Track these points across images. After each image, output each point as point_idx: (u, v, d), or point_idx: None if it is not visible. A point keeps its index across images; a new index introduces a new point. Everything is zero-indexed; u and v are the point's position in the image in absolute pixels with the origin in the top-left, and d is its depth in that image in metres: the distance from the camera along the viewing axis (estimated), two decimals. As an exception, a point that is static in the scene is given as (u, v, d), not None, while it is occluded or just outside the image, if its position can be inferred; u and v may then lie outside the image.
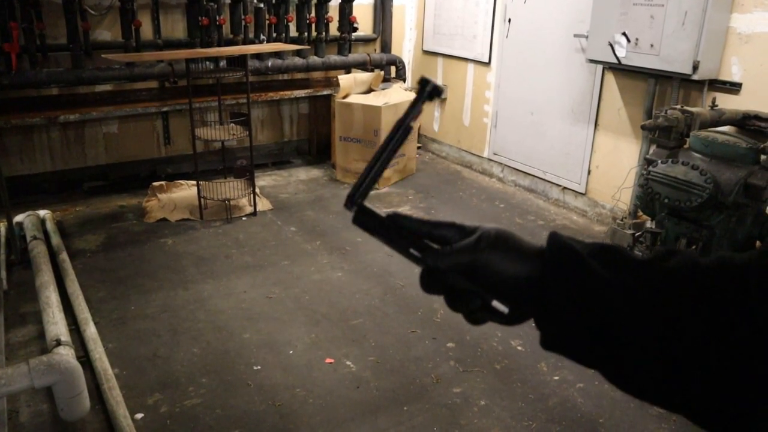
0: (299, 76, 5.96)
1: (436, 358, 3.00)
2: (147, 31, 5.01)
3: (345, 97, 5.35)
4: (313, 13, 5.59)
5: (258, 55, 5.32)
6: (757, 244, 3.16)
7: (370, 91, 5.63)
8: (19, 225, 3.93)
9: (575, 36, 4.63)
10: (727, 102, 3.68)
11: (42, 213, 4.21)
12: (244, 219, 4.61)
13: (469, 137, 6.02)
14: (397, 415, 2.61)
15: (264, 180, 5.47)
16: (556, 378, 2.88)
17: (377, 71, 5.86)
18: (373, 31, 6.27)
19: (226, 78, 4.63)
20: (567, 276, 0.59)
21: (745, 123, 3.44)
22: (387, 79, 6.14)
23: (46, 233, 3.96)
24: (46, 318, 2.82)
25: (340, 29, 5.78)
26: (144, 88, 5.16)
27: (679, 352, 0.54)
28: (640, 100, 4.24)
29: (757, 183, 2.95)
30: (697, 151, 3.20)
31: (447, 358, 3.00)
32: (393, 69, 6.32)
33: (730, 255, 0.57)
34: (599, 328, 0.57)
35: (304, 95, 5.75)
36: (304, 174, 5.75)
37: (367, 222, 0.67)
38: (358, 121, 5.23)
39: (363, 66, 6.02)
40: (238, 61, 4.50)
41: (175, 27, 5.22)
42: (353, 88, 5.46)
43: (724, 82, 3.74)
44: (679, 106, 3.46)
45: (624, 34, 3.88)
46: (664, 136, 3.39)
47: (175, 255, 4.01)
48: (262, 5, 5.25)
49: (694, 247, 3.19)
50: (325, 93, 5.77)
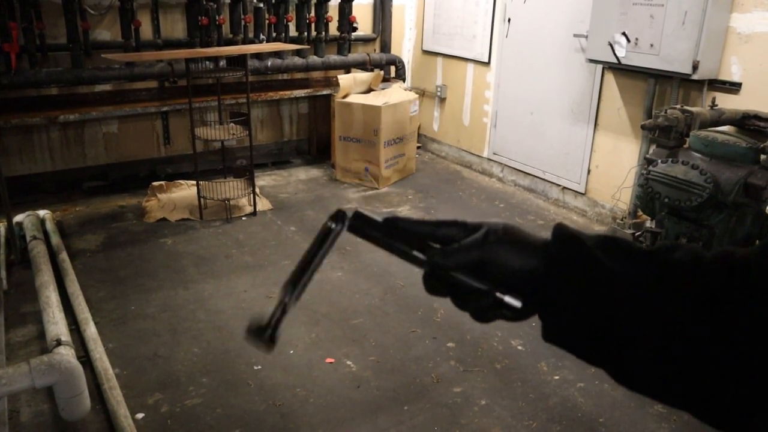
0: (299, 75, 5.96)
1: (436, 357, 3.01)
2: (146, 30, 5.01)
3: (345, 96, 5.35)
4: (312, 13, 5.59)
5: (258, 55, 5.32)
6: (757, 243, 3.16)
7: (369, 90, 5.63)
8: (19, 225, 3.93)
9: (575, 36, 4.63)
10: (726, 102, 3.68)
11: (42, 213, 4.21)
12: (243, 219, 4.61)
13: (469, 137, 6.02)
14: (398, 414, 2.61)
15: (264, 180, 5.47)
16: (557, 377, 2.88)
17: (377, 71, 5.86)
18: (373, 31, 6.27)
19: (225, 78, 4.63)
20: (572, 266, 0.59)
21: (744, 123, 3.44)
22: (387, 79, 6.14)
23: (45, 233, 3.96)
24: (46, 318, 2.82)
25: (339, 29, 5.79)
26: (144, 88, 5.16)
27: (681, 346, 0.54)
28: (639, 100, 4.24)
29: (757, 182, 2.95)
30: (697, 151, 3.20)
31: (447, 358, 3.00)
32: (393, 69, 6.32)
33: (733, 249, 0.57)
34: (602, 320, 0.57)
35: (303, 95, 5.75)
36: (303, 174, 5.75)
37: (364, 229, 0.63)
38: (358, 121, 5.23)
39: (363, 66, 6.02)
40: (238, 61, 4.50)
41: (175, 27, 5.22)
42: (353, 87, 5.46)
43: (724, 82, 3.74)
44: (678, 106, 3.46)
45: (624, 34, 3.88)
46: (664, 136, 3.39)
47: (175, 255, 4.01)
48: (262, 5, 5.25)
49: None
50: (324, 93, 5.77)
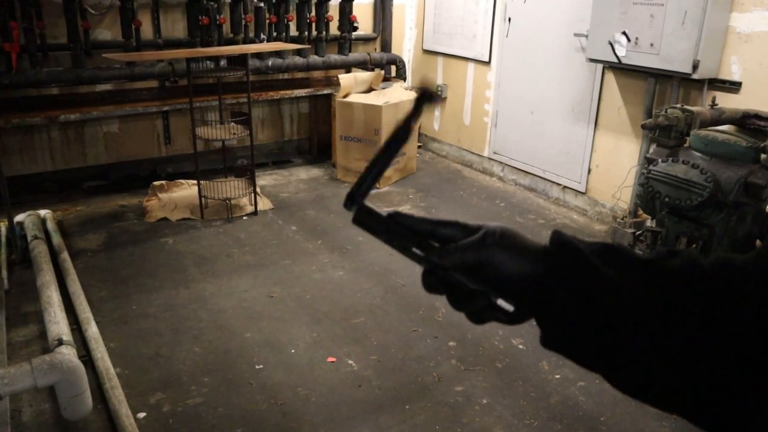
0: (299, 75, 5.96)
1: (437, 356, 3.01)
2: (147, 30, 5.01)
3: (345, 96, 5.35)
4: (313, 13, 5.59)
5: (258, 55, 5.32)
6: (758, 242, 3.16)
7: (370, 90, 5.63)
8: (20, 225, 3.93)
9: (575, 35, 4.64)
10: (726, 101, 3.68)
11: (43, 213, 4.21)
12: (244, 218, 4.62)
13: (470, 136, 6.02)
14: (399, 413, 2.62)
15: (264, 179, 5.47)
16: (558, 376, 2.88)
17: (377, 70, 5.87)
18: (374, 31, 6.27)
19: (226, 77, 4.63)
20: (569, 274, 0.59)
21: (745, 122, 3.45)
22: (387, 79, 6.14)
23: (47, 233, 3.96)
24: (47, 317, 2.82)
25: (340, 28, 5.79)
26: (144, 88, 5.16)
27: (679, 352, 0.54)
28: (640, 99, 4.24)
29: (758, 182, 2.96)
30: (697, 150, 3.21)
31: (448, 357, 3.01)
32: (393, 68, 6.32)
33: (731, 256, 0.57)
34: (600, 327, 0.57)
35: (304, 94, 5.75)
36: (304, 173, 5.75)
37: (368, 221, 0.65)
38: (359, 121, 5.24)
39: (363, 65, 6.02)
40: (239, 61, 4.50)
41: (176, 26, 5.22)
42: (354, 87, 5.46)
43: (724, 81, 3.75)
44: (679, 105, 3.46)
45: (624, 34, 3.88)
46: (664, 135, 3.40)
47: (176, 254, 4.01)
48: (263, 4, 5.25)
49: (694, 245, 3.19)
50: (325, 92, 5.77)
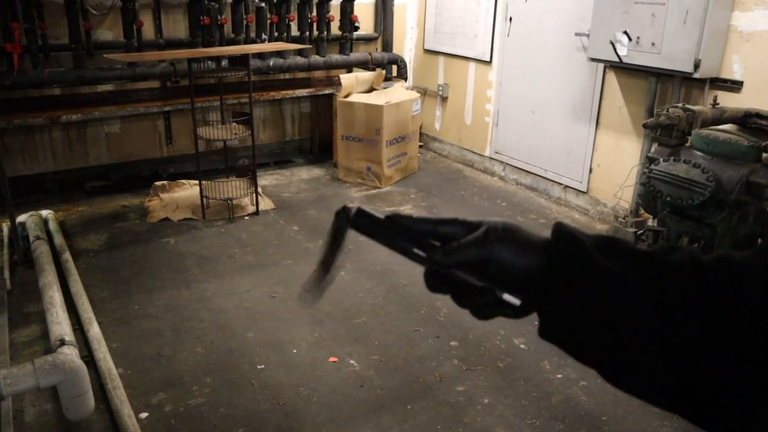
0: (301, 75, 5.96)
1: (439, 356, 3.01)
2: (149, 30, 5.02)
3: (347, 96, 5.36)
4: (314, 13, 5.59)
5: (260, 55, 5.32)
6: (759, 241, 3.16)
7: (371, 90, 5.63)
8: (22, 225, 3.93)
9: (576, 35, 4.63)
10: (728, 100, 3.68)
11: (44, 213, 4.22)
12: (246, 218, 4.62)
13: (471, 136, 6.02)
14: (401, 413, 2.62)
15: (266, 179, 5.47)
16: (559, 376, 2.88)
17: (379, 70, 5.87)
18: (375, 30, 6.27)
19: (227, 77, 4.64)
20: (570, 266, 0.59)
21: (746, 121, 3.44)
22: (389, 78, 6.15)
23: (48, 233, 3.97)
24: (49, 318, 2.83)
25: (341, 28, 5.79)
26: (146, 88, 5.17)
27: (676, 348, 0.54)
28: (641, 99, 4.24)
29: (759, 181, 2.95)
30: (699, 150, 3.20)
31: (450, 357, 3.01)
32: (394, 68, 6.32)
33: (730, 252, 0.57)
34: (599, 319, 0.58)
35: (305, 94, 5.76)
36: (306, 173, 5.76)
37: (365, 225, 0.64)
38: (360, 120, 5.24)
39: (364, 65, 6.02)
40: (240, 61, 4.51)
41: (177, 27, 5.23)
42: (355, 87, 5.46)
43: (726, 81, 3.74)
44: (680, 105, 3.46)
45: (625, 33, 3.88)
46: (666, 135, 3.40)
47: (177, 254, 4.01)
48: (264, 4, 5.25)
49: (696, 245, 3.19)
50: (326, 92, 5.78)
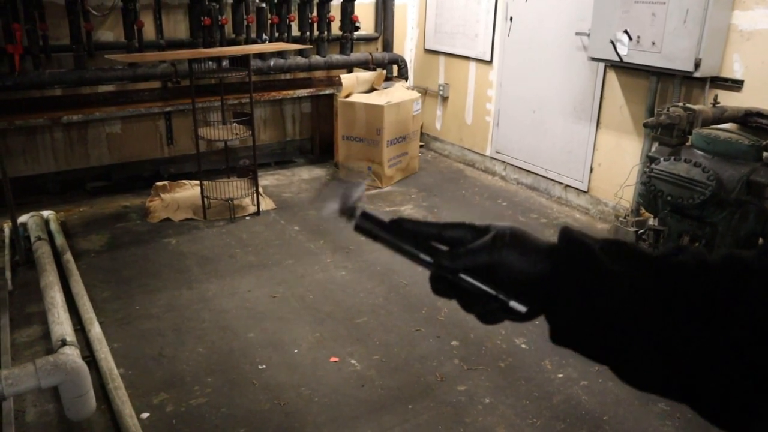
0: (301, 75, 5.96)
1: (440, 356, 3.01)
2: (149, 31, 5.02)
3: (347, 96, 5.36)
4: (315, 13, 5.59)
5: (260, 55, 5.33)
6: (760, 241, 3.16)
7: (372, 90, 5.63)
8: (23, 225, 3.94)
9: (577, 34, 4.63)
10: (729, 99, 3.68)
11: (46, 213, 4.22)
12: (247, 218, 4.63)
13: (472, 135, 6.02)
14: (402, 413, 2.62)
15: (267, 179, 5.48)
16: (560, 375, 2.88)
17: (379, 70, 5.87)
18: (375, 30, 6.28)
19: (228, 78, 4.64)
20: (578, 270, 0.59)
21: (747, 120, 3.44)
22: (389, 78, 6.15)
23: (50, 234, 3.97)
24: (51, 318, 2.83)
25: (342, 28, 5.79)
26: (147, 89, 5.17)
27: (686, 347, 0.55)
28: (642, 98, 4.24)
29: (760, 180, 2.95)
30: (700, 149, 3.20)
31: (451, 357, 3.01)
32: (395, 68, 6.32)
33: (737, 252, 0.57)
34: (608, 322, 0.58)
35: (306, 94, 5.76)
36: (306, 173, 5.76)
37: (371, 228, 0.65)
38: (361, 120, 5.24)
39: (365, 65, 6.02)
40: (241, 61, 4.51)
41: (178, 27, 5.23)
42: (355, 87, 5.46)
43: (726, 80, 3.74)
44: (681, 104, 3.46)
45: (626, 32, 3.88)
46: (667, 134, 3.40)
47: (179, 255, 4.02)
48: (264, 5, 5.25)
49: (696, 244, 3.19)
50: (327, 92, 5.78)
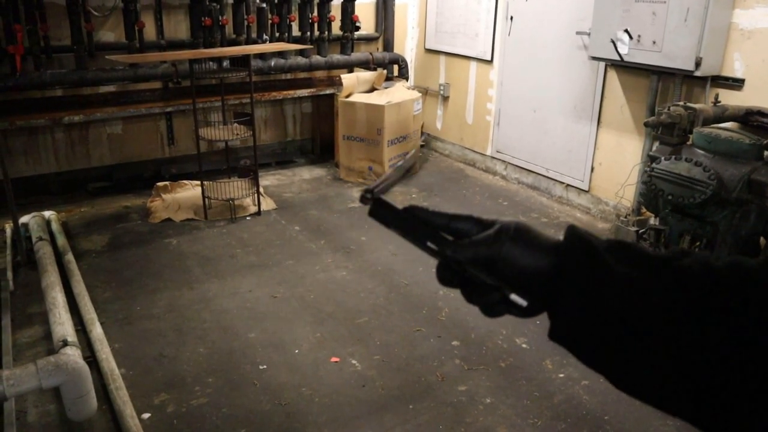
0: (302, 75, 5.96)
1: (441, 356, 3.01)
2: (150, 32, 5.03)
3: (348, 96, 5.36)
4: (315, 13, 5.60)
5: (261, 55, 5.33)
6: (761, 240, 3.16)
7: (372, 90, 5.63)
8: (25, 226, 3.94)
9: (577, 33, 4.63)
10: (729, 98, 3.67)
11: (47, 214, 4.22)
12: (248, 219, 4.63)
13: (472, 135, 6.02)
14: (403, 413, 2.62)
15: (268, 179, 5.48)
16: (561, 375, 2.88)
17: (380, 70, 5.87)
18: (376, 30, 6.28)
19: (229, 78, 4.64)
20: (581, 269, 0.59)
21: (748, 119, 3.44)
22: (390, 78, 6.15)
23: (51, 234, 3.98)
24: (52, 318, 2.83)
25: (342, 28, 5.79)
26: (147, 89, 5.18)
27: (687, 353, 0.54)
28: (642, 97, 4.24)
29: (761, 179, 2.95)
30: (701, 148, 3.20)
31: (452, 357, 3.01)
32: (396, 68, 6.32)
33: (742, 258, 0.57)
34: (609, 324, 0.58)
35: (307, 94, 5.77)
36: (307, 173, 5.76)
37: (383, 214, 0.66)
38: (362, 120, 5.24)
39: (365, 65, 6.03)
40: (241, 61, 4.51)
41: (178, 28, 5.23)
42: (356, 87, 5.46)
43: (727, 79, 3.74)
44: (681, 103, 3.46)
45: (626, 31, 3.88)
46: (667, 133, 3.39)
47: (179, 255, 4.02)
48: (265, 5, 5.26)
49: (698, 243, 3.19)
50: (328, 92, 5.79)
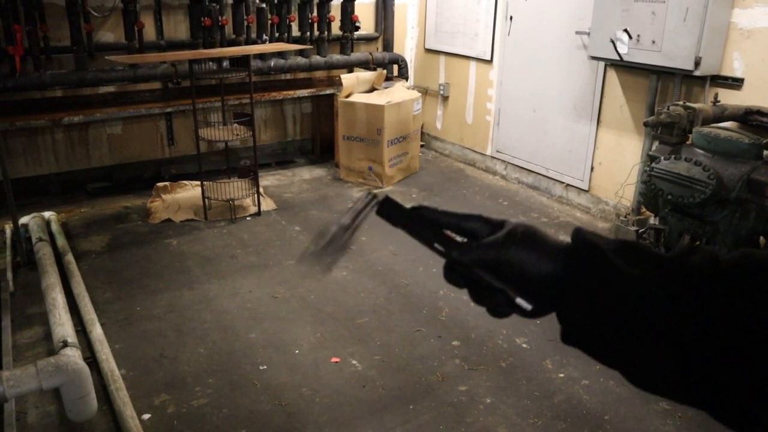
0: (302, 75, 5.97)
1: (441, 356, 3.01)
2: (150, 32, 5.03)
3: (348, 96, 5.36)
4: (315, 13, 5.60)
5: (261, 55, 5.33)
6: (761, 239, 3.16)
7: (372, 90, 5.63)
8: (25, 227, 3.94)
9: (577, 33, 4.63)
10: (729, 98, 3.67)
11: (47, 214, 4.22)
12: (248, 219, 4.63)
13: (472, 135, 6.02)
14: (403, 413, 2.62)
15: (268, 180, 5.48)
16: (561, 375, 2.88)
17: (380, 70, 5.87)
18: (375, 30, 6.28)
19: (229, 78, 4.64)
20: (589, 271, 0.59)
21: (747, 118, 3.44)
22: (389, 78, 6.15)
23: (51, 235, 3.98)
24: (52, 319, 2.83)
25: (342, 28, 5.79)
26: (147, 90, 5.18)
27: (700, 346, 0.54)
28: (642, 97, 4.24)
29: (760, 178, 2.95)
30: (700, 147, 3.20)
31: (452, 357, 3.01)
32: (395, 68, 6.32)
33: (751, 251, 0.57)
34: (620, 324, 0.58)
35: (306, 95, 5.77)
36: (307, 173, 5.76)
37: (392, 214, 0.67)
38: (361, 120, 5.24)
39: (365, 65, 6.03)
40: (241, 62, 4.51)
41: (178, 28, 5.23)
42: (356, 87, 5.46)
43: (726, 78, 3.74)
44: (681, 102, 3.46)
45: (626, 31, 3.88)
46: (667, 133, 3.39)
47: (180, 255, 4.02)
48: (264, 5, 5.26)
49: (697, 243, 3.19)
50: (327, 92, 5.79)
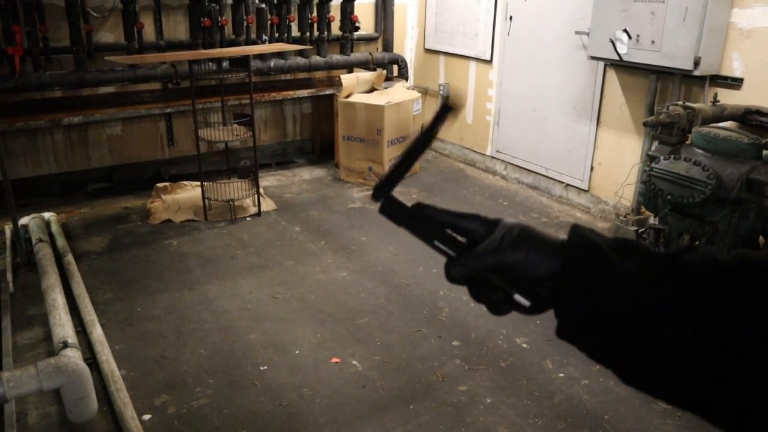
0: (302, 76, 5.96)
1: (441, 356, 3.01)
2: (149, 32, 5.03)
3: (348, 96, 5.36)
4: (314, 13, 5.60)
5: (260, 56, 5.33)
6: (761, 239, 3.16)
7: (372, 90, 5.63)
8: (25, 227, 3.94)
9: (576, 33, 4.63)
10: (728, 97, 3.68)
11: (47, 215, 4.22)
12: (248, 219, 4.63)
13: (472, 135, 6.02)
14: (404, 413, 2.62)
15: (268, 180, 5.48)
16: (562, 375, 2.88)
17: (379, 70, 5.87)
18: (375, 30, 6.28)
19: (228, 79, 4.64)
20: (587, 269, 0.60)
21: (746, 118, 3.44)
22: (389, 78, 6.15)
23: (51, 235, 3.98)
24: (52, 320, 2.83)
25: (342, 29, 5.79)
26: (147, 90, 5.18)
27: (695, 348, 0.54)
28: (641, 97, 4.24)
29: (760, 178, 2.95)
30: (700, 147, 3.21)
31: (452, 357, 3.01)
32: (395, 68, 6.32)
33: (749, 252, 0.57)
34: (616, 320, 0.58)
35: (306, 95, 5.77)
36: (307, 174, 5.76)
37: (393, 211, 0.68)
38: (361, 121, 5.24)
39: (365, 65, 6.03)
40: (241, 62, 4.51)
41: (178, 28, 5.23)
42: (356, 87, 5.46)
43: (726, 78, 3.74)
44: (680, 102, 3.46)
45: (625, 31, 3.88)
46: (666, 133, 3.40)
47: (180, 256, 4.02)
48: (264, 6, 5.26)
49: (697, 243, 3.19)
50: (327, 93, 5.79)
